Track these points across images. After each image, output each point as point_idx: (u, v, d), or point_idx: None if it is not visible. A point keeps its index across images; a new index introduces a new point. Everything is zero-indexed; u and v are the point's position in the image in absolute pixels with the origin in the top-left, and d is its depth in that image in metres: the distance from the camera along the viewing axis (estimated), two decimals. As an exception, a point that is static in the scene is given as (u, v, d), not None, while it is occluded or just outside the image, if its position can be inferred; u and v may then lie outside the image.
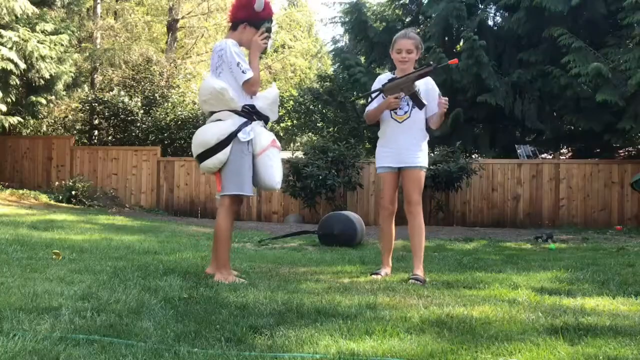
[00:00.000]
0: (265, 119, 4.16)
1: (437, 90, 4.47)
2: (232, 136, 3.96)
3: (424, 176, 4.50)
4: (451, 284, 4.02)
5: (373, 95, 4.48)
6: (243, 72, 3.96)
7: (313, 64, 30.86)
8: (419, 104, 4.35)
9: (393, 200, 4.48)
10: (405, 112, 4.38)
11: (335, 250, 6.51)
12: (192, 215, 12.97)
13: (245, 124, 4.00)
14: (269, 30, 4.16)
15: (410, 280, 4.13)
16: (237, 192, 4.02)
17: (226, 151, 3.96)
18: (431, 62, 4.46)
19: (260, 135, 4.03)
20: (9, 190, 12.57)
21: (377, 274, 4.40)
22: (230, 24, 4.22)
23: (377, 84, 4.54)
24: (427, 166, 4.46)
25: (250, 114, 4.04)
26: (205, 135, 4.01)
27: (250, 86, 4.01)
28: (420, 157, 4.40)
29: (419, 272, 4.28)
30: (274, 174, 4.02)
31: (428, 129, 4.50)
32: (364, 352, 2.34)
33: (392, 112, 4.41)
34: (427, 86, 4.44)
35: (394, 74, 4.51)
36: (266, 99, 4.12)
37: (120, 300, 3.10)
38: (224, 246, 4.04)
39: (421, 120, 4.43)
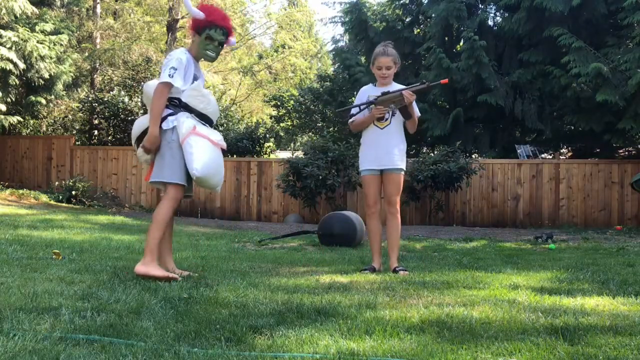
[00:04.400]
0: (196, 113, 4.11)
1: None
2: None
3: (403, 178, 4.92)
4: (451, 284, 4.01)
5: (362, 106, 4.84)
6: (169, 75, 3.98)
7: (313, 64, 30.87)
8: (406, 115, 4.77)
9: (376, 200, 4.86)
10: (386, 119, 4.81)
11: (335, 250, 6.51)
12: (192, 215, 12.97)
13: (170, 114, 4.05)
14: (214, 38, 4.17)
15: (400, 273, 4.56)
16: (156, 179, 4.07)
17: None
18: (424, 81, 4.96)
19: (182, 124, 4.01)
20: (9, 190, 12.57)
21: (368, 269, 4.70)
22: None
23: (362, 95, 4.93)
24: (405, 169, 4.90)
25: (178, 106, 4.08)
26: (134, 126, 4.26)
27: (161, 88, 3.99)
28: (400, 160, 4.83)
29: (397, 263, 4.81)
30: (191, 160, 3.93)
31: (406, 133, 4.92)
32: (364, 352, 2.34)
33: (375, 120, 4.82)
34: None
35: (375, 86, 4.93)
36: (190, 90, 4.10)
37: (120, 300, 3.10)
38: (155, 234, 4.05)
39: (400, 126, 4.86)
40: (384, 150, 4.78)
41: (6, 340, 2.30)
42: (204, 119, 4.15)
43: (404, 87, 4.84)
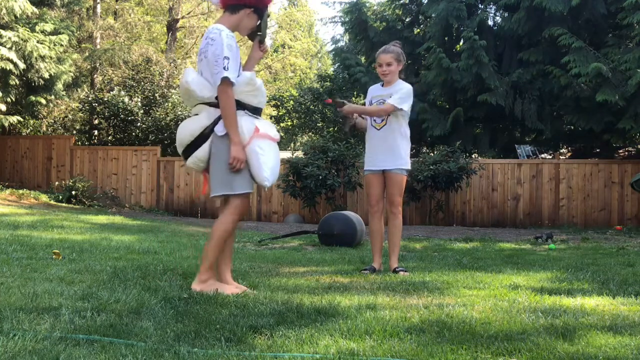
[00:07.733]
0: (249, 108, 3.61)
1: (397, 93, 4.73)
2: (208, 131, 3.53)
3: (405, 179, 4.91)
4: (451, 284, 4.02)
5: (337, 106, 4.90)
6: (225, 67, 3.42)
7: (313, 63, 30.88)
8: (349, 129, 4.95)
9: (379, 200, 4.90)
10: (383, 120, 4.80)
11: (335, 250, 6.51)
12: (192, 215, 12.97)
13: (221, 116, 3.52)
14: (268, 16, 3.90)
15: (400, 273, 4.53)
16: (225, 192, 3.52)
17: (205, 147, 3.55)
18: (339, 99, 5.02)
19: (242, 126, 3.49)
20: (9, 190, 12.56)
21: (368, 269, 4.69)
22: (227, 5, 3.67)
23: (368, 94, 5.02)
24: (408, 168, 4.89)
25: None
26: (180, 133, 3.67)
27: (225, 88, 3.44)
28: (399, 160, 4.80)
29: (397, 263, 4.79)
30: (259, 168, 3.48)
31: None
32: (364, 352, 2.34)
33: (372, 120, 4.85)
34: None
35: (382, 85, 4.93)
36: (240, 84, 3.54)
37: (120, 300, 3.10)
38: (215, 251, 3.57)
39: (398, 125, 4.80)
40: (383, 150, 4.80)
41: (6, 340, 2.30)
42: (256, 111, 3.65)
43: (404, 86, 4.78)
